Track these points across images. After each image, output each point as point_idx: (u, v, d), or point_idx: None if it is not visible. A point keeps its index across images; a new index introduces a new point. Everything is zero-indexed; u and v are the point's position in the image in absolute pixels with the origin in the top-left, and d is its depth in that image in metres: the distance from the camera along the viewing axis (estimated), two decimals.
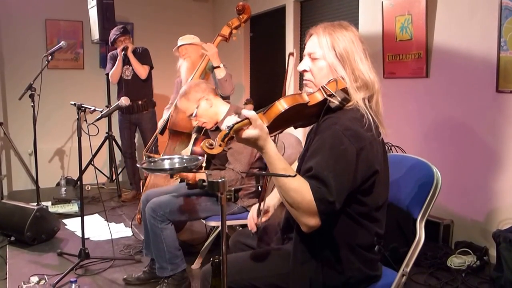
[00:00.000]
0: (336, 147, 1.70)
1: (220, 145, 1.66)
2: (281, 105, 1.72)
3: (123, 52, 5.39)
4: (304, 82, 1.93)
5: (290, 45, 5.87)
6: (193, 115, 3.24)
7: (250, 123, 1.67)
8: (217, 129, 3.30)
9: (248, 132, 1.67)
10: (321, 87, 1.81)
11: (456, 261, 3.47)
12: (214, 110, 3.27)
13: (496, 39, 3.49)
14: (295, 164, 2.23)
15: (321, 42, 1.85)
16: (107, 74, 5.65)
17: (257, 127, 1.67)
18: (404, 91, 4.33)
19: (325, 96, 1.79)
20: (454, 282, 3.25)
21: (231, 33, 4.19)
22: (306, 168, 1.73)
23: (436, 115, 4.06)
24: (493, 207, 3.62)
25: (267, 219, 2.24)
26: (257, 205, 2.26)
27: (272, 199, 2.27)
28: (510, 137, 3.49)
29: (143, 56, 5.56)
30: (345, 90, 1.80)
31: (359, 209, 1.83)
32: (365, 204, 1.83)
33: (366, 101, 1.83)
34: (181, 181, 3.52)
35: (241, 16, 4.17)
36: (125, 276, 3.44)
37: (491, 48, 3.53)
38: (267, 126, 1.71)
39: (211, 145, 1.66)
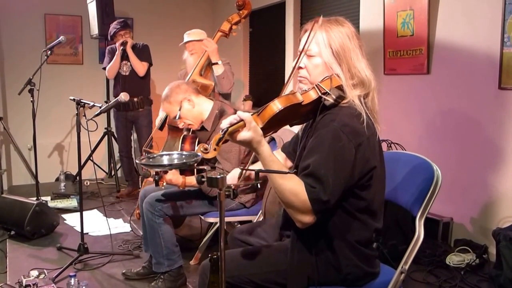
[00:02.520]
0: (334, 144, 1.70)
1: (215, 149, 1.66)
2: (275, 106, 1.72)
3: (122, 47, 5.34)
4: (298, 78, 1.92)
5: (290, 41, 5.85)
6: (177, 117, 3.20)
7: (244, 125, 1.67)
8: (203, 128, 3.25)
9: (242, 135, 1.67)
10: (315, 85, 1.80)
11: (455, 259, 3.46)
12: (197, 110, 3.21)
13: (499, 35, 3.47)
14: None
15: (317, 38, 1.83)
16: (105, 68, 5.57)
17: (251, 129, 1.67)
18: (405, 88, 4.31)
19: (320, 94, 1.79)
20: (453, 280, 3.25)
21: (231, 28, 4.18)
22: (304, 166, 1.73)
23: (437, 112, 4.04)
24: (493, 205, 3.62)
25: (246, 186, 2.24)
26: (239, 168, 2.25)
27: (254, 167, 2.20)
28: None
29: (143, 53, 5.49)
30: (340, 88, 1.79)
31: (357, 204, 1.83)
32: (363, 199, 1.82)
33: (362, 98, 1.82)
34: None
35: (241, 12, 4.16)
36: (124, 271, 3.45)
37: (494, 44, 3.51)
38: (262, 127, 1.71)
39: (206, 149, 1.66)
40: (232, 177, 2.27)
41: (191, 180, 3.06)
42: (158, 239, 3.11)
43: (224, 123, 1.69)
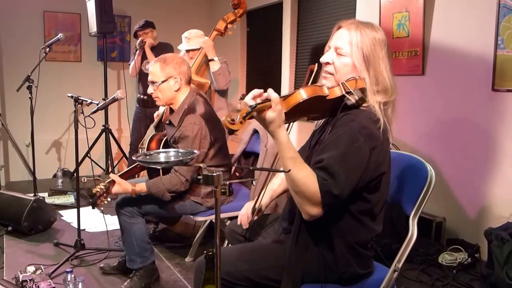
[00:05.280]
0: (351, 143, 1.73)
1: (241, 122, 1.64)
2: (302, 95, 1.73)
3: (139, 46, 5.45)
4: (323, 74, 1.93)
5: (286, 41, 5.88)
6: (156, 84, 3.10)
7: (270, 106, 1.67)
8: (170, 123, 3.19)
9: (267, 114, 1.68)
10: (341, 83, 1.83)
11: (447, 257, 3.50)
12: (174, 94, 3.15)
13: (493, 37, 3.50)
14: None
15: (351, 38, 1.85)
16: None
17: (276, 111, 1.67)
18: (400, 89, 4.28)
19: (343, 92, 1.81)
20: (445, 279, 3.28)
21: (226, 27, 4.22)
22: (318, 160, 1.74)
23: (431, 113, 4.08)
24: (486, 205, 3.65)
25: (259, 218, 2.29)
26: (251, 202, 2.29)
27: (264, 198, 2.29)
28: (504, 136, 3.51)
29: (163, 52, 5.54)
30: (363, 90, 1.82)
31: (362, 206, 1.85)
32: (368, 202, 1.85)
33: (382, 105, 1.85)
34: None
35: (236, 11, 4.20)
36: (101, 265, 3.48)
37: (488, 47, 3.55)
38: (285, 112, 1.71)
39: (233, 120, 1.64)
40: (246, 213, 2.30)
41: (141, 187, 3.03)
42: (129, 237, 3.13)
43: (249, 99, 1.69)
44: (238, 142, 4.11)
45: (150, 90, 3.17)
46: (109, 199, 2.98)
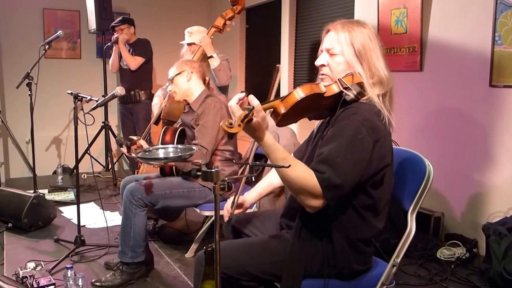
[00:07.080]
0: (354, 136, 1.74)
1: (239, 125, 1.65)
2: (299, 93, 1.75)
3: (113, 42, 5.59)
4: (320, 76, 1.96)
5: (285, 38, 5.89)
6: (170, 78, 3.41)
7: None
8: (190, 109, 3.43)
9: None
10: (338, 79, 1.85)
11: (446, 252, 3.52)
12: (188, 87, 3.41)
13: (490, 33, 3.51)
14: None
15: (339, 38, 1.88)
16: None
17: (259, 118, 1.69)
18: (398, 85, 4.30)
19: (341, 88, 1.83)
20: (444, 274, 3.30)
21: (225, 24, 4.23)
22: (319, 153, 1.76)
23: (429, 108, 4.09)
24: (484, 200, 3.67)
25: (240, 212, 2.32)
26: (232, 197, 2.32)
27: (250, 194, 2.32)
28: (502, 131, 3.53)
29: (139, 47, 5.70)
30: (360, 85, 1.84)
31: (365, 201, 1.86)
32: (371, 197, 1.86)
33: (381, 97, 1.88)
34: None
35: (235, 7, 4.21)
36: (106, 261, 3.49)
37: (486, 42, 3.56)
38: (284, 113, 1.74)
39: (231, 124, 1.65)
40: (226, 207, 2.34)
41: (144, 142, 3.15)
42: (128, 228, 3.13)
43: (234, 103, 1.71)
44: (247, 141, 4.12)
45: (169, 87, 3.48)
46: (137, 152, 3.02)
